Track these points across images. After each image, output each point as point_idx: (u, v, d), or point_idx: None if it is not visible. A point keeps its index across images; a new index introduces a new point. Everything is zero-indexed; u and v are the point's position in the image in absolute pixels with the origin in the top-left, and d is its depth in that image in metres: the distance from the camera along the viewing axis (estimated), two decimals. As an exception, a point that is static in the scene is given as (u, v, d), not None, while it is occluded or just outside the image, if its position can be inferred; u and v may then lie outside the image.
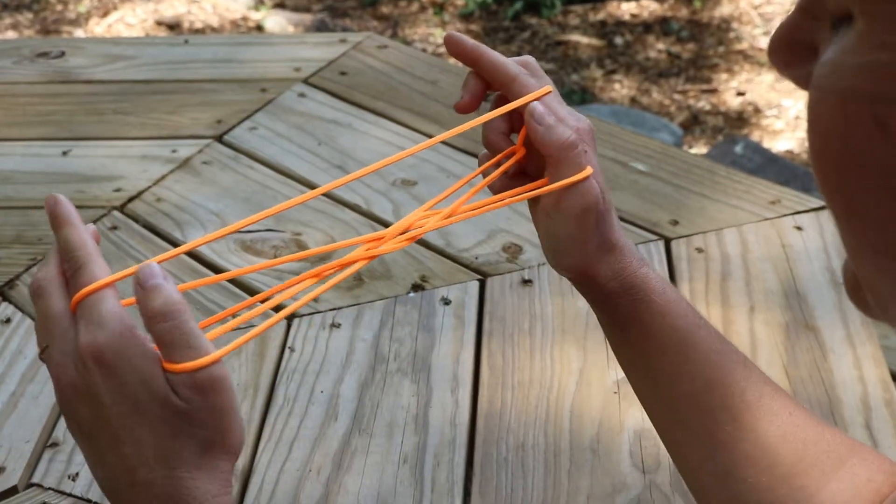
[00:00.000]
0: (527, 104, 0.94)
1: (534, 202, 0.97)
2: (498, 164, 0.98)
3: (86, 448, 0.79)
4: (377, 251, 0.90)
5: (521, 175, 0.99)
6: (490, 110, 0.97)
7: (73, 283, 0.79)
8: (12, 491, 1.55)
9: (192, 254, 1.90)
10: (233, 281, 1.85)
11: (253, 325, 0.86)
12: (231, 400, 0.78)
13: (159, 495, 0.77)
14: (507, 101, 0.96)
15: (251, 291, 1.83)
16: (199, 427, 0.76)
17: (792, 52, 0.52)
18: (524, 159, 0.98)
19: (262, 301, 0.88)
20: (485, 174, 0.98)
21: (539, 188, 0.95)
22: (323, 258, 1.85)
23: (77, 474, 1.56)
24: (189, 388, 0.76)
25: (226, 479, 0.79)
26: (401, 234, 0.92)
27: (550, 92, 0.96)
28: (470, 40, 0.97)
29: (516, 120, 0.98)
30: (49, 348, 0.79)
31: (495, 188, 0.99)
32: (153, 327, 0.76)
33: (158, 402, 0.76)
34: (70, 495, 1.53)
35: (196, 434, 0.76)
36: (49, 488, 1.55)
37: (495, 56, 0.97)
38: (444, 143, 2.19)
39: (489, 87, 0.98)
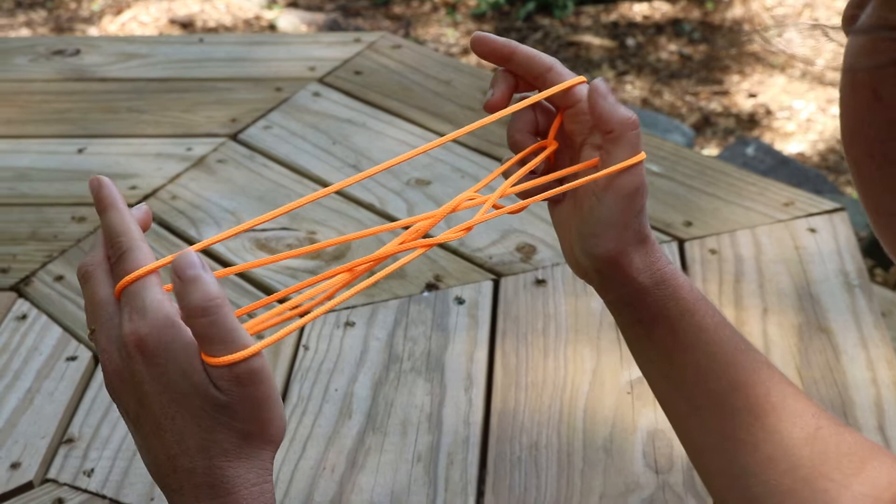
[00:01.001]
0: (564, 90, 0.94)
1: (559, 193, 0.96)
2: (523, 162, 0.97)
3: (133, 433, 0.80)
4: (434, 240, 0.89)
5: (553, 169, 0.97)
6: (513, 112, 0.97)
7: (116, 269, 0.79)
8: (28, 486, 1.56)
9: (206, 252, 1.91)
10: (245, 278, 1.85)
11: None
12: (270, 390, 0.78)
13: (199, 484, 0.78)
14: (533, 88, 0.96)
15: (266, 289, 1.83)
16: (238, 419, 0.77)
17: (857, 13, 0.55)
18: (554, 154, 0.97)
19: (284, 300, 0.88)
20: (506, 174, 0.97)
21: (590, 171, 0.93)
22: (337, 256, 1.86)
23: (92, 470, 1.56)
24: (228, 380, 0.76)
25: (265, 467, 0.79)
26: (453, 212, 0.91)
27: (585, 81, 0.95)
28: (499, 38, 0.95)
29: (543, 118, 0.97)
30: (97, 332, 0.79)
31: (527, 192, 0.98)
32: (192, 321, 0.76)
33: (198, 394, 0.76)
34: (85, 491, 1.54)
35: (235, 426, 0.77)
36: (64, 484, 1.55)
37: (527, 50, 0.95)
38: (458, 142, 2.19)
39: (518, 85, 0.97)
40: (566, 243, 0.97)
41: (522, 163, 0.97)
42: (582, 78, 0.95)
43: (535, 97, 0.94)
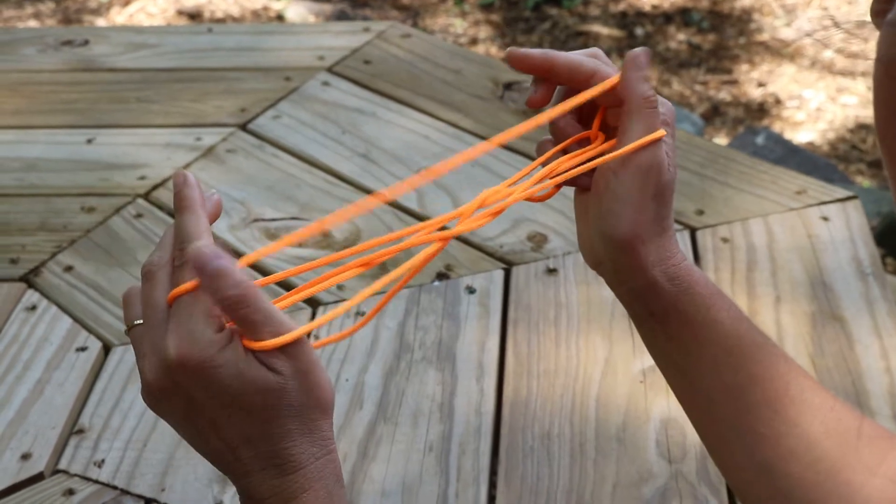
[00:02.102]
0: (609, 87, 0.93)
1: (584, 177, 0.95)
2: (563, 151, 0.96)
3: (181, 427, 0.82)
4: (457, 229, 0.89)
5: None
6: (557, 103, 0.94)
7: (178, 274, 0.79)
8: (38, 477, 1.55)
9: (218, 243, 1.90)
10: (258, 270, 1.85)
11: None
12: (314, 356, 0.79)
13: (266, 467, 0.80)
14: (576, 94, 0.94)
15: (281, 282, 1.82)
16: (294, 396, 0.78)
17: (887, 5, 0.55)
18: (587, 144, 0.96)
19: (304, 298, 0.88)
20: (546, 164, 0.95)
21: (609, 150, 0.92)
22: (348, 246, 1.85)
23: (103, 461, 1.56)
24: (282, 359, 0.77)
25: (326, 437, 0.81)
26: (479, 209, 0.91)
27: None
28: (536, 51, 0.93)
29: (586, 115, 0.96)
30: (143, 331, 0.79)
31: (558, 173, 0.96)
32: (234, 314, 0.77)
33: (254, 389, 0.77)
34: (96, 482, 1.54)
35: (293, 403, 0.78)
36: (75, 475, 1.55)
37: (568, 58, 0.94)
38: (470, 132, 2.19)
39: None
40: (583, 230, 0.96)
41: (563, 152, 0.96)
42: (618, 77, 0.94)
43: (576, 100, 0.93)
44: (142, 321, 0.80)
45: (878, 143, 0.54)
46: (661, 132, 0.91)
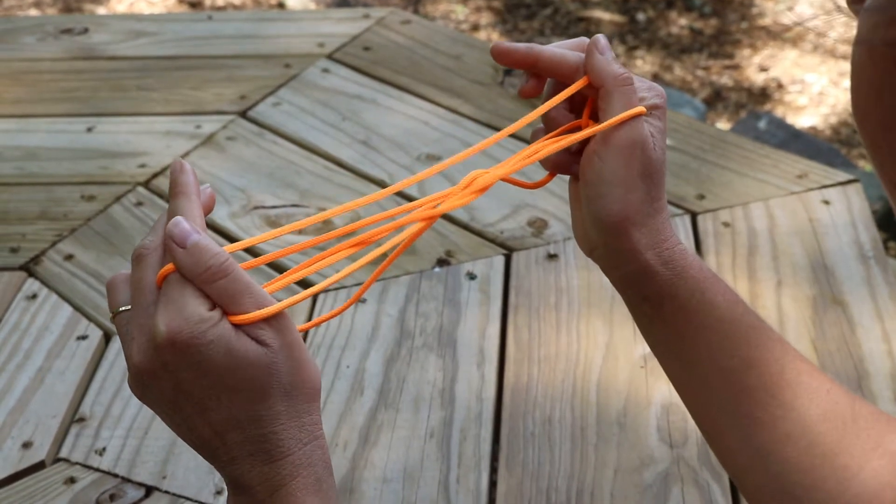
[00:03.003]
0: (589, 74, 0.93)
1: (577, 166, 0.95)
2: (556, 139, 0.96)
3: (167, 413, 0.81)
4: (441, 209, 0.89)
5: (579, 153, 0.96)
6: (547, 92, 0.95)
7: (167, 256, 0.79)
8: (40, 466, 1.55)
9: (218, 232, 1.91)
10: (255, 255, 1.85)
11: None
12: (297, 334, 0.79)
13: (254, 452, 0.79)
14: (566, 85, 0.94)
15: (276, 266, 1.82)
16: (283, 373, 0.78)
17: None
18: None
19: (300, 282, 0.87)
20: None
21: (589, 130, 0.93)
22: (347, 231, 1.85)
23: (104, 449, 1.56)
24: (269, 330, 0.77)
25: (314, 422, 0.81)
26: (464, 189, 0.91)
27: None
28: (520, 46, 0.94)
29: (578, 105, 0.96)
30: (130, 315, 0.79)
31: (550, 164, 0.96)
32: (209, 287, 0.77)
33: (245, 364, 0.77)
34: (97, 470, 1.54)
35: (282, 382, 0.78)
36: (76, 463, 1.55)
37: (552, 53, 0.94)
38: (468, 117, 2.18)
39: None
40: (577, 216, 0.96)
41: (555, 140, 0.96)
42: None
43: (564, 94, 0.93)
44: (128, 307, 0.80)
45: (858, 129, 0.54)
46: (639, 108, 0.90)
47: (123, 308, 0.80)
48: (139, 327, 0.78)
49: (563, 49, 0.95)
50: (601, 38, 0.92)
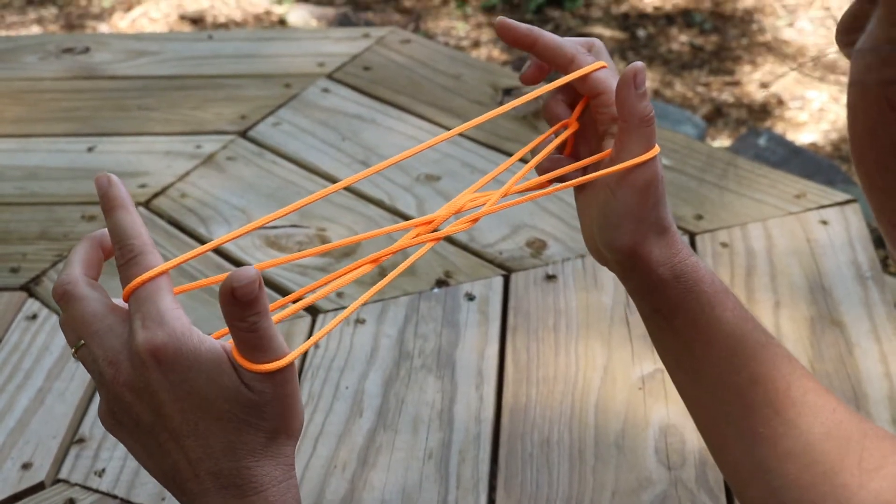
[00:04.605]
0: (585, 77, 0.93)
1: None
2: (547, 142, 0.96)
3: (141, 442, 0.78)
4: (441, 233, 0.89)
5: (572, 154, 0.97)
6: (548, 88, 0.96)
7: (125, 272, 0.77)
8: (39, 487, 1.56)
9: (216, 250, 1.91)
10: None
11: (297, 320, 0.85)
12: (296, 387, 0.78)
13: (227, 485, 0.77)
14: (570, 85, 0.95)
15: (277, 287, 1.83)
16: (267, 417, 0.76)
17: (852, 35, 0.55)
18: (576, 135, 0.96)
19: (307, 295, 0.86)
20: (535, 151, 0.97)
21: (600, 164, 0.93)
22: (347, 252, 1.85)
23: (104, 470, 1.56)
24: (262, 381, 0.76)
25: (289, 463, 0.79)
26: (453, 214, 0.91)
27: (606, 67, 0.94)
28: (523, 25, 0.94)
29: (575, 100, 0.96)
30: (89, 346, 0.77)
31: (543, 168, 0.96)
32: (238, 333, 0.75)
33: (228, 397, 0.75)
34: (97, 491, 1.54)
35: (263, 425, 0.76)
36: (76, 484, 1.55)
37: (551, 39, 0.95)
38: (468, 137, 2.19)
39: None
40: (587, 232, 0.97)
41: (547, 143, 0.96)
42: (602, 63, 0.94)
43: (555, 84, 0.94)
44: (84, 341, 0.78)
45: (855, 169, 0.54)
46: (655, 150, 0.91)
47: (81, 343, 0.78)
48: (109, 350, 0.76)
49: (565, 40, 0.95)
50: (640, 72, 0.91)
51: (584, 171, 0.95)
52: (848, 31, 0.55)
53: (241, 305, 0.74)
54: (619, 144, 0.92)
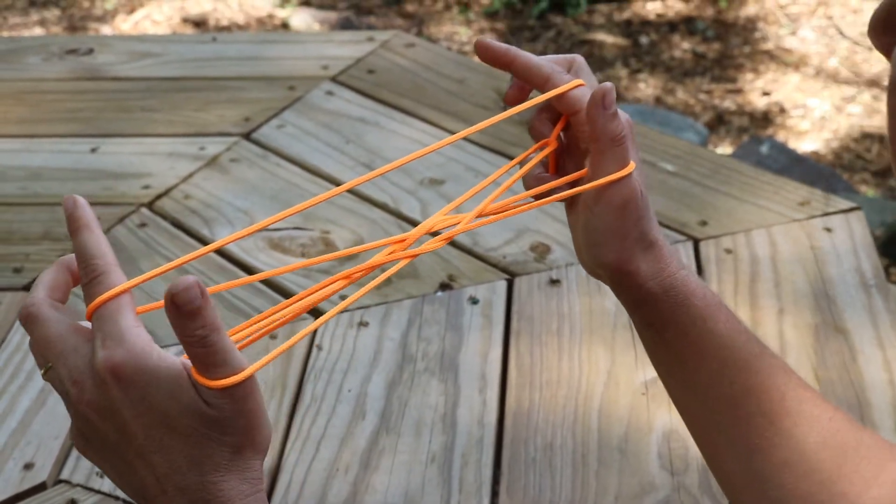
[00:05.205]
0: (562, 94, 0.94)
1: (571, 197, 0.96)
2: (530, 158, 0.97)
3: (110, 461, 0.79)
4: (415, 251, 0.89)
5: (558, 171, 0.98)
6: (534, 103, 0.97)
7: (89, 291, 0.77)
8: (41, 487, 1.55)
9: (219, 251, 1.90)
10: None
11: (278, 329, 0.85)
12: (259, 402, 0.77)
13: (195, 500, 0.77)
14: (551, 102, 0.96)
15: (279, 289, 1.83)
16: (229, 433, 0.76)
17: (889, 36, 0.54)
18: (558, 153, 0.97)
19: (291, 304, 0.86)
20: (522, 164, 0.97)
21: (578, 183, 0.94)
22: (351, 258, 1.85)
23: (105, 471, 1.56)
24: (220, 397, 0.75)
25: (257, 477, 0.78)
26: (428, 233, 0.91)
27: (583, 85, 0.95)
28: (500, 45, 0.96)
29: (559, 118, 0.97)
30: (55, 367, 0.77)
31: (529, 183, 0.97)
32: (189, 348, 0.75)
33: (189, 413, 0.75)
34: (98, 492, 1.54)
35: (226, 440, 0.76)
36: (77, 485, 1.55)
37: (527, 58, 0.96)
38: (471, 141, 2.18)
39: None
40: (577, 249, 0.98)
41: (530, 159, 0.97)
42: (578, 81, 0.95)
43: (531, 103, 0.96)
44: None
45: (893, 162, 0.53)
46: (629, 167, 0.91)
47: (49, 366, 0.78)
48: (73, 370, 0.76)
49: (542, 59, 0.96)
50: (609, 93, 0.91)
51: (571, 186, 0.96)
52: (885, 29, 0.55)
53: (185, 316, 0.74)
54: (594, 163, 0.93)
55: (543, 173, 0.97)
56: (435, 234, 0.92)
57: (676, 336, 0.93)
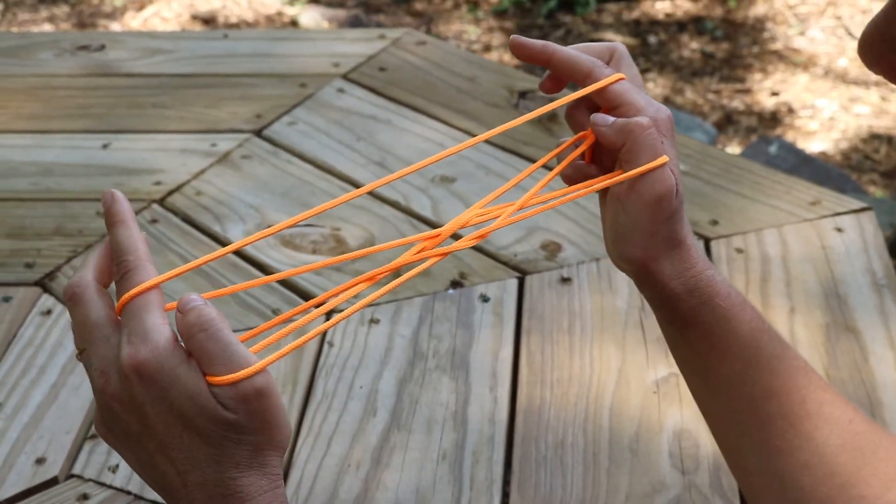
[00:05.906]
0: (602, 89, 0.93)
1: (605, 189, 0.95)
2: (567, 152, 0.97)
3: (132, 451, 0.80)
4: (445, 249, 0.89)
5: (594, 162, 0.97)
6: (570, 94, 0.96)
7: (120, 286, 0.78)
8: (53, 482, 1.56)
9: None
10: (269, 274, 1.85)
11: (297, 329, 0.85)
12: (276, 401, 0.78)
13: (213, 495, 0.77)
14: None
15: (292, 286, 1.83)
16: (247, 433, 0.77)
17: (883, 46, 0.53)
18: (596, 146, 0.96)
19: (316, 306, 0.86)
20: (559, 159, 0.97)
21: (612, 178, 0.93)
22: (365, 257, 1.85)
23: (117, 466, 1.56)
24: (234, 399, 0.76)
25: (275, 472, 0.79)
26: (454, 232, 0.91)
27: (623, 79, 0.94)
28: (536, 42, 0.95)
29: (597, 107, 0.96)
30: (88, 353, 0.79)
31: (566, 175, 0.97)
32: (189, 341, 0.76)
33: (206, 415, 0.76)
34: (110, 487, 1.54)
35: (245, 440, 0.77)
36: (89, 479, 1.56)
37: (566, 54, 0.95)
38: (485, 141, 2.18)
39: None
40: (606, 241, 0.97)
41: (567, 153, 0.97)
42: (619, 76, 0.94)
43: (569, 98, 0.95)
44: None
45: None
46: (663, 158, 0.91)
47: (84, 348, 0.80)
48: (102, 360, 0.78)
49: (578, 52, 0.96)
50: (624, 86, 0.92)
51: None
52: (879, 43, 0.54)
53: (185, 314, 0.76)
54: (624, 157, 0.93)
55: (581, 162, 0.97)
56: (456, 236, 0.92)
57: (699, 336, 0.94)
